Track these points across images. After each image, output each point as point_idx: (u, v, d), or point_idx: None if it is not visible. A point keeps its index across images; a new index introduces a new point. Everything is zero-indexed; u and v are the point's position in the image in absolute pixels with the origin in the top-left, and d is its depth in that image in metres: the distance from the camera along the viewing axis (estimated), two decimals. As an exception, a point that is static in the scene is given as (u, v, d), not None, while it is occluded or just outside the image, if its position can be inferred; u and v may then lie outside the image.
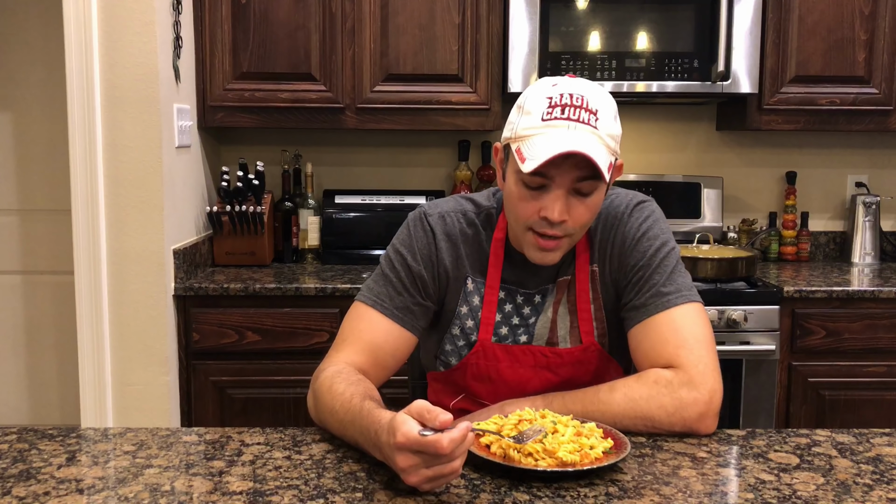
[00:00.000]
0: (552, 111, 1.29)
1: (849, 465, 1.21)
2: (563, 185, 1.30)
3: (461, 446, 1.01)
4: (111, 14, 2.35)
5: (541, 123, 1.29)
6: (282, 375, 2.52)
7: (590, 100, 1.30)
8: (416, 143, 3.16)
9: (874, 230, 3.09)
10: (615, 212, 1.47)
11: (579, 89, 1.31)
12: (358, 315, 1.44)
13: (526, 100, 1.34)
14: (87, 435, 1.32)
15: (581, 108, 1.29)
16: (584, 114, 1.29)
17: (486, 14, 2.73)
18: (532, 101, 1.32)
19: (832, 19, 2.76)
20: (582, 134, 1.27)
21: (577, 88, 1.31)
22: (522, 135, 1.31)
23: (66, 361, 3.21)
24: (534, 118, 1.30)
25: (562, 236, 1.34)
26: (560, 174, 1.29)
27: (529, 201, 1.33)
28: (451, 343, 1.48)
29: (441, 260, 1.45)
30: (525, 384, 1.45)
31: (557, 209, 1.30)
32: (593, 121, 1.29)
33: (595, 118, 1.29)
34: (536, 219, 1.33)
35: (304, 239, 2.97)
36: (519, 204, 1.34)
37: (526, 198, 1.33)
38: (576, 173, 1.29)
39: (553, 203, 1.30)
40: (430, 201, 1.52)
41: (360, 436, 1.17)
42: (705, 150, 3.21)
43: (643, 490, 1.11)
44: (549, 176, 1.29)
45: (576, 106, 1.29)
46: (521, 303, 1.47)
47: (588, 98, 1.30)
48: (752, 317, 2.52)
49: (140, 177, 2.40)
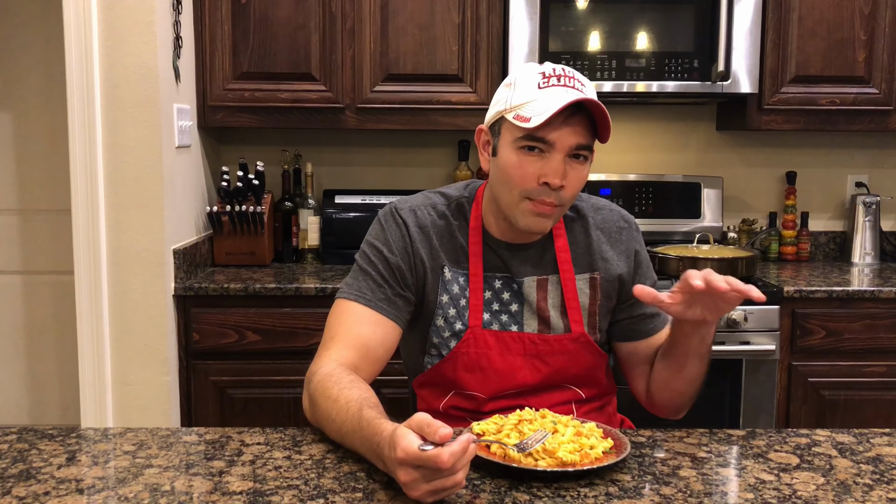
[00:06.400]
0: (548, 80, 1.36)
1: (849, 465, 1.21)
2: (562, 149, 1.35)
3: (462, 459, 1.01)
4: (111, 14, 2.35)
5: (537, 90, 1.35)
6: (282, 375, 2.52)
7: (578, 77, 1.38)
8: (416, 143, 3.16)
9: (874, 230, 3.09)
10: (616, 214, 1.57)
11: (567, 68, 1.39)
12: (342, 311, 1.45)
13: (516, 78, 1.40)
14: (87, 435, 1.32)
15: (574, 79, 1.37)
16: (578, 83, 1.36)
17: (486, 14, 2.73)
18: (523, 77, 1.38)
19: (832, 19, 2.76)
20: (581, 95, 1.33)
21: (566, 68, 1.39)
22: (519, 103, 1.36)
23: (66, 361, 3.21)
24: (529, 88, 1.36)
25: (557, 204, 1.39)
26: (561, 137, 1.34)
27: (528, 168, 1.37)
28: (437, 335, 1.49)
29: (416, 251, 1.48)
30: (515, 373, 1.46)
31: (559, 173, 1.35)
32: (586, 91, 1.36)
33: (586, 90, 1.37)
34: (534, 186, 1.37)
35: (304, 239, 2.97)
36: (518, 171, 1.38)
37: (525, 164, 1.37)
38: (574, 139, 1.35)
39: (554, 168, 1.35)
40: (400, 198, 1.55)
41: (362, 446, 1.17)
42: (705, 150, 3.21)
43: (643, 490, 1.11)
44: (548, 140, 1.34)
45: (569, 76, 1.37)
46: (500, 287, 1.49)
47: (576, 75, 1.38)
48: (752, 317, 2.52)
49: (140, 177, 2.40)
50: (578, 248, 1.51)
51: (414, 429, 1.04)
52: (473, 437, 1.04)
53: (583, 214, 1.54)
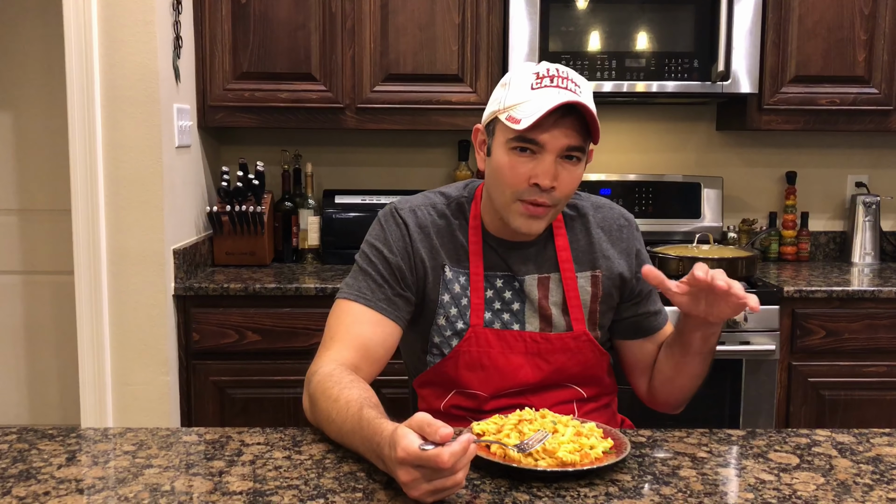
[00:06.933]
0: (541, 81, 1.36)
1: (849, 465, 1.21)
2: (553, 150, 1.35)
3: (462, 459, 1.01)
4: (111, 14, 2.35)
5: (530, 91, 1.36)
6: (282, 375, 2.52)
7: (573, 76, 1.38)
8: (416, 143, 3.16)
9: (874, 230, 3.09)
10: (616, 212, 1.57)
11: (562, 68, 1.39)
12: (342, 311, 1.45)
13: (511, 78, 1.40)
14: (87, 435, 1.32)
15: (568, 80, 1.37)
16: (571, 84, 1.36)
17: (486, 14, 2.73)
18: (518, 77, 1.39)
19: (832, 19, 2.76)
20: (572, 96, 1.34)
21: (560, 67, 1.39)
22: (512, 104, 1.37)
23: (66, 361, 3.21)
24: (522, 89, 1.36)
25: (549, 205, 1.39)
26: (551, 140, 1.35)
27: (519, 168, 1.37)
28: (438, 335, 1.49)
29: (417, 251, 1.48)
30: (517, 371, 1.46)
31: (549, 175, 1.36)
32: (579, 91, 1.36)
33: (580, 90, 1.37)
34: (526, 187, 1.38)
35: (304, 239, 2.97)
36: (510, 172, 1.38)
37: (516, 165, 1.38)
38: (565, 140, 1.35)
39: (545, 169, 1.36)
40: (400, 198, 1.55)
41: (363, 446, 1.17)
42: (705, 150, 3.21)
43: (643, 490, 1.11)
44: (539, 142, 1.35)
45: (562, 77, 1.37)
46: (502, 286, 1.49)
47: (571, 75, 1.38)
48: (752, 317, 2.52)
49: (140, 177, 2.40)
50: (579, 246, 1.51)
51: (414, 428, 1.04)
52: (474, 437, 1.05)
53: (583, 213, 1.54)
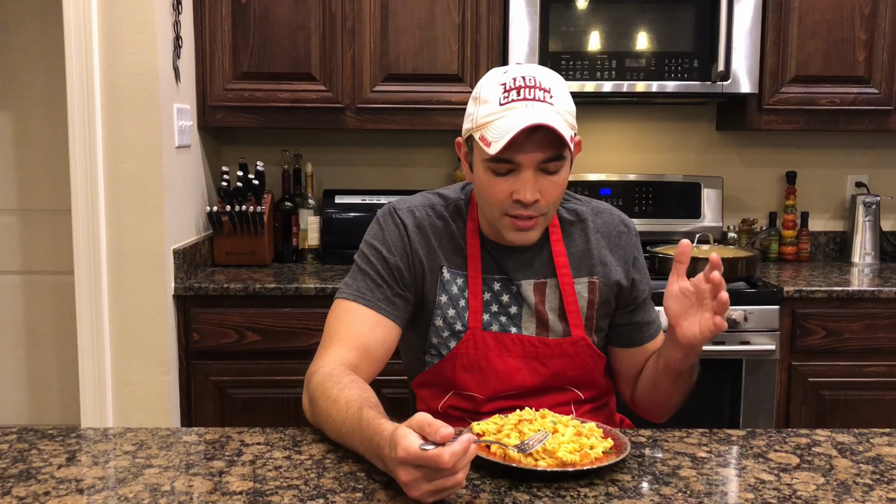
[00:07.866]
0: (508, 94, 1.34)
1: (849, 465, 1.21)
2: (530, 165, 1.34)
3: (463, 459, 1.01)
4: (111, 14, 2.35)
5: (499, 108, 1.34)
6: (282, 375, 2.52)
7: (541, 80, 1.35)
8: (416, 143, 3.16)
9: (874, 230, 3.09)
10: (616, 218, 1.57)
11: (530, 71, 1.36)
12: (341, 311, 1.45)
13: (481, 90, 1.39)
14: (87, 435, 1.32)
15: (535, 88, 1.34)
16: (539, 92, 1.34)
17: (486, 14, 2.73)
18: (487, 90, 1.37)
19: (832, 19, 2.76)
20: (540, 110, 1.32)
21: (528, 71, 1.36)
22: (483, 122, 1.35)
23: (66, 361, 3.21)
24: (491, 105, 1.35)
25: (536, 215, 1.39)
26: (525, 156, 1.34)
27: (500, 186, 1.37)
28: (436, 336, 1.49)
29: (415, 251, 1.48)
30: (514, 374, 1.46)
31: (529, 190, 1.35)
32: (548, 98, 1.34)
33: (549, 95, 1.34)
34: (510, 202, 1.37)
35: (304, 239, 2.97)
36: (490, 191, 1.38)
37: (496, 183, 1.37)
38: (540, 154, 1.34)
39: (524, 185, 1.35)
40: (398, 198, 1.55)
41: (363, 446, 1.17)
42: (705, 150, 3.21)
43: (643, 490, 1.11)
44: (514, 161, 1.34)
45: (529, 86, 1.34)
46: (500, 289, 1.49)
47: (539, 78, 1.35)
48: (752, 317, 2.52)
49: (140, 177, 2.40)
50: (577, 252, 1.51)
51: (415, 428, 1.04)
52: (474, 437, 1.05)
53: (583, 218, 1.54)
